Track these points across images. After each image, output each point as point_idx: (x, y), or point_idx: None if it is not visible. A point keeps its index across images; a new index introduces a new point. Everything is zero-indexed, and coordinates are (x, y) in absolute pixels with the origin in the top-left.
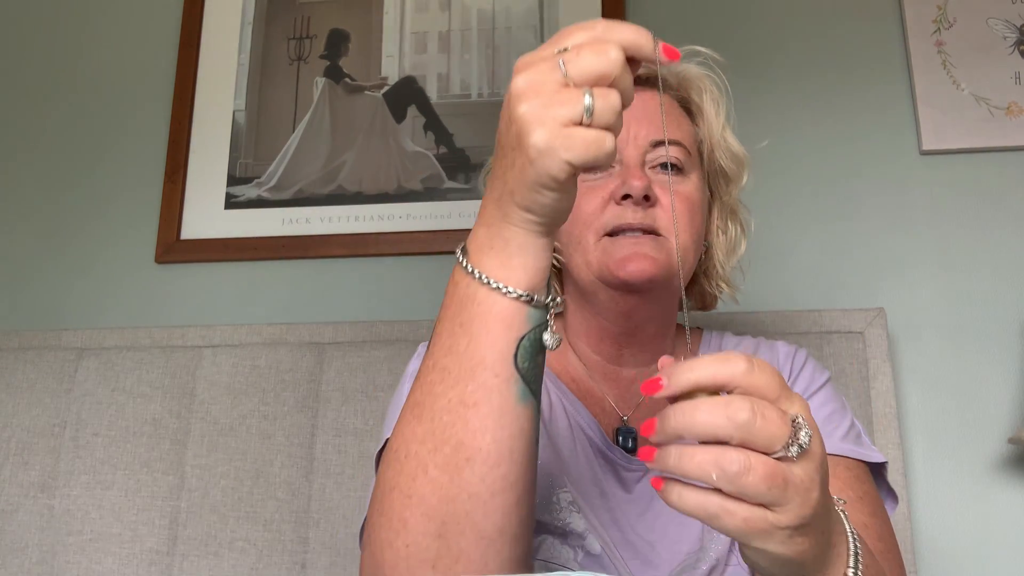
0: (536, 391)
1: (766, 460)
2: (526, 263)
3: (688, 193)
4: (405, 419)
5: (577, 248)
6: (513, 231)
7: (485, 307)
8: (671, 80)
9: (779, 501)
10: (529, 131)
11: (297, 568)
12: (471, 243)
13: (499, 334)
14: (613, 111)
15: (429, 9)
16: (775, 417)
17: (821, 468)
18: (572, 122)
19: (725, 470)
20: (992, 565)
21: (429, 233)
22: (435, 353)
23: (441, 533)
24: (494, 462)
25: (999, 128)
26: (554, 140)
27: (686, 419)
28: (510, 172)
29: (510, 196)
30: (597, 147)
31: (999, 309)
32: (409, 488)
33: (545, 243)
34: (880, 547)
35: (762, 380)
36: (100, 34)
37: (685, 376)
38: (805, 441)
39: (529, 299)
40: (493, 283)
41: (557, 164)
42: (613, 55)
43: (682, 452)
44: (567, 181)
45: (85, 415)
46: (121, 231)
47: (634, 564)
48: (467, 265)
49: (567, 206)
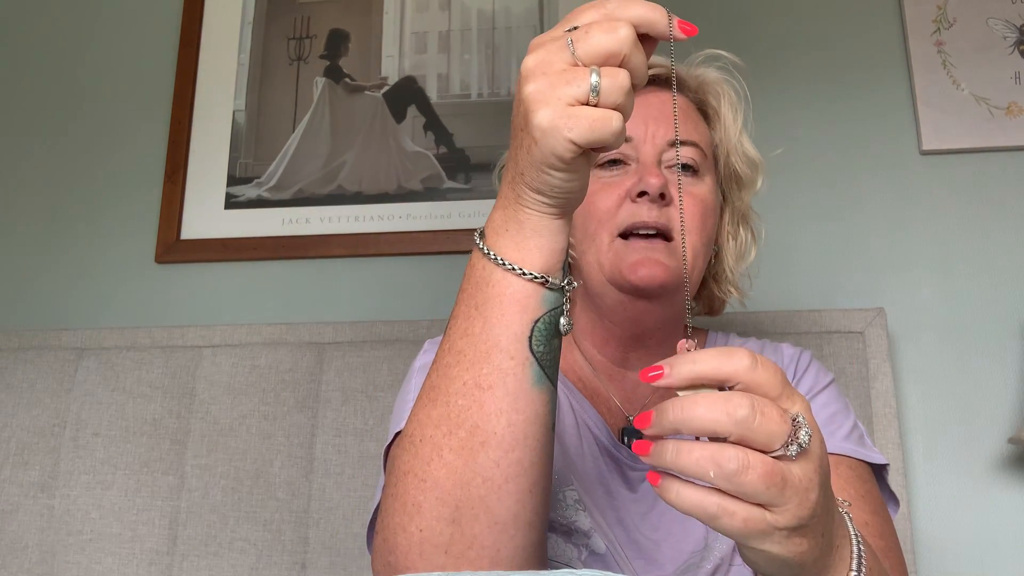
0: (552, 376)
1: (765, 459)
2: (541, 244)
3: (702, 195)
4: (421, 403)
5: (591, 247)
6: (527, 213)
7: (500, 288)
8: (690, 83)
9: (777, 501)
10: (534, 110)
11: (297, 568)
12: (488, 226)
13: (514, 316)
14: (621, 90)
15: (429, 9)
16: (775, 415)
17: (821, 469)
18: (578, 101)
19: (723, 467)
20: (992, 565)
21: (429, 233)
22: (451, 336)
23: (455, 518)
24: (509, 446)
25: (999, 128)
26: (558, 119)
27: (684, 413)
28: (520, 153)
29: (521, 178)
30: (602, 125)
31: (999, 309)
32: (424, 472)
33: (560, 224)
34: (881, 545)
35: (764, 377)
36: (100, 34)
37: (687, 367)
38: (805, 440)
39: (544, 281)
40: (508, 264)
41: (561, 143)
42: (623, 33)
43: (679, 448)
44: (574, 161)
45: (85, 415)
46: (121, 231)
47: (638, 563)
48: (483, 247)
49: (578, 187)
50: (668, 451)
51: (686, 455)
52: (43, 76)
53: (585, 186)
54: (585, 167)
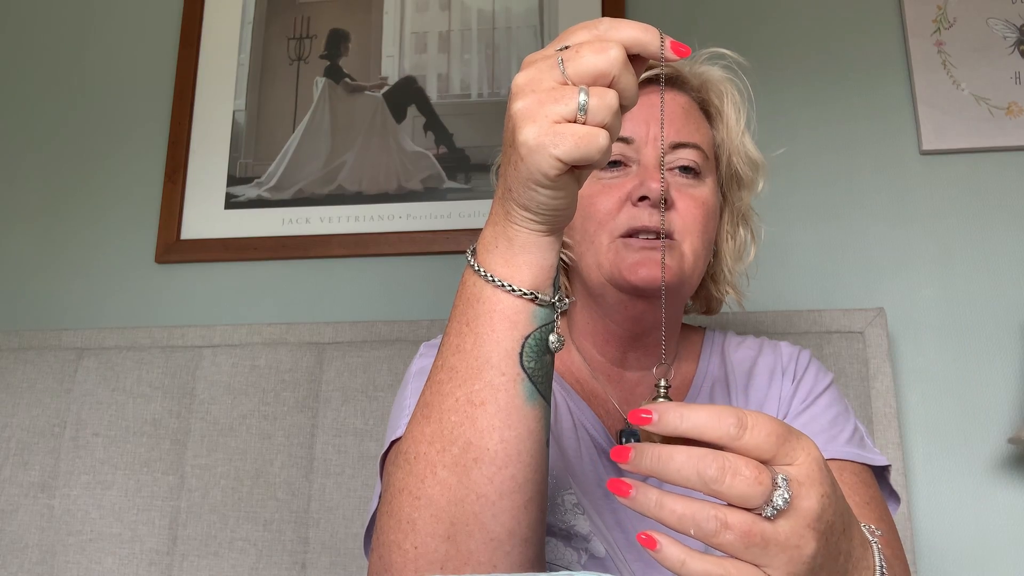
0: (544, 393)
1: (743, 518)
2: (530, 261)
3: (703, 198)
4: (415, 419)
5: (590, 248)
6: (515, 229)
7: (490, 305)
8: (692, 81)
9: (761, 559)
10: (521, 127)
11: (297, 568)
12: (479, 242)
13: (504, 332)
14: (609, 109)
15: (429, 9)
16: (749, 476)
17: (818, 522)
18: (565, 119)
19: (701, 528)
20: (992, 565)
21: (429, 233)
22: (444, 353)
23: (450, 535)
24: (502, 463)
25: (999, 128)
26: (543, 136)
27: (660, 463)
28: (508, 169)
29: (509, 194)
30: (588, 142)
31: (999, 309)
32: (418, 489)
33: (549, 241)
34: (887, 553)
35: (755, 442)
36: (100, 34)
37: (674, 423)
38: (780, 503)
39: (533, 297)
40: (497, 281)
41: (547, 160)
42: (613, 54)
43: (662, 501)
44: (559, 178)
45: (85, 415)
46: (121, 231)
47: (637, 566)
48: (475, 264)
49: (565, 204)
50: (652, 500)
51: (669, 511)
52: (43, 76)
53: (573, 204)
54: (572, 185)
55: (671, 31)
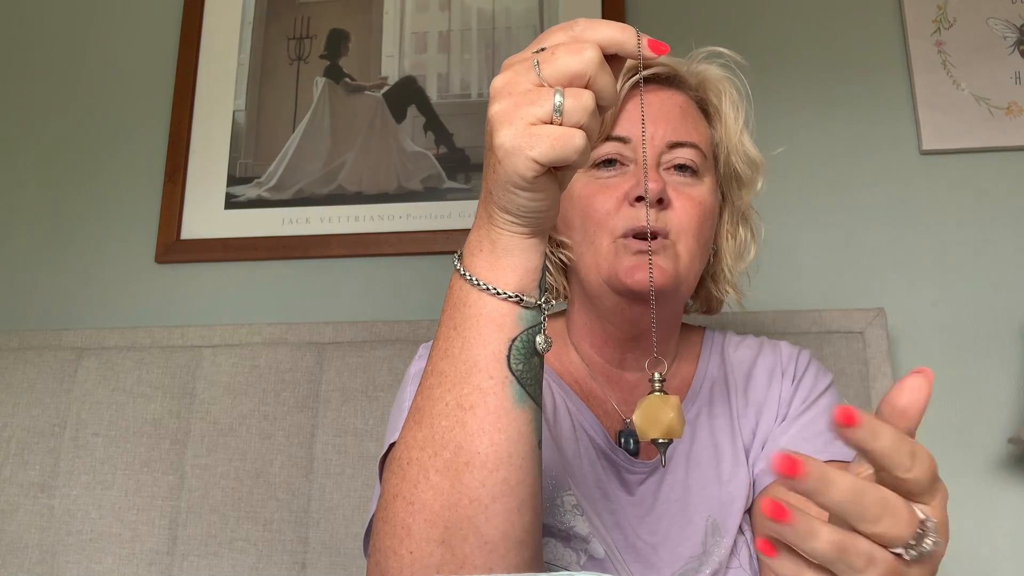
0: (534, 395)
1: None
2: (514, 263)
3: (700, 198)
4: (407, 425)
5: (589, 248)
6: (498, 232)
7: (476, 308)
8: (690, 80)
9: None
10: (497, 130)
11: (297, 568)
12: (465, 246)
13: (490, 335)
14: (584, 110)
15: (429, 9)
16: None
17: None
18: (541, 121)
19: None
20: (992, 565)
21: (429, 233)
22: (433, 358)
23: (444, 539)
24: (493, 466)
25: (999, 128)
26: (519, 138)
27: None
28: (488, 172)
29: (490, 197)
30: (564, 143)
31: (999, 309)
32: (412, 495)
33: (533, 243)
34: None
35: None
36: (100, 34)
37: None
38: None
39: (519, 299)
40: (482, 284)
41: (524, 162)
42: (588, 54)
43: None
44: (537, 180)
45: (85, 415)
46: (121, 231)
47: (636, 567)
48: (460, 268)
49: (546, 207)
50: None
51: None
52: (43, 76)
53: (555, 205)
54: (552, 186)
55: (670, 31)
